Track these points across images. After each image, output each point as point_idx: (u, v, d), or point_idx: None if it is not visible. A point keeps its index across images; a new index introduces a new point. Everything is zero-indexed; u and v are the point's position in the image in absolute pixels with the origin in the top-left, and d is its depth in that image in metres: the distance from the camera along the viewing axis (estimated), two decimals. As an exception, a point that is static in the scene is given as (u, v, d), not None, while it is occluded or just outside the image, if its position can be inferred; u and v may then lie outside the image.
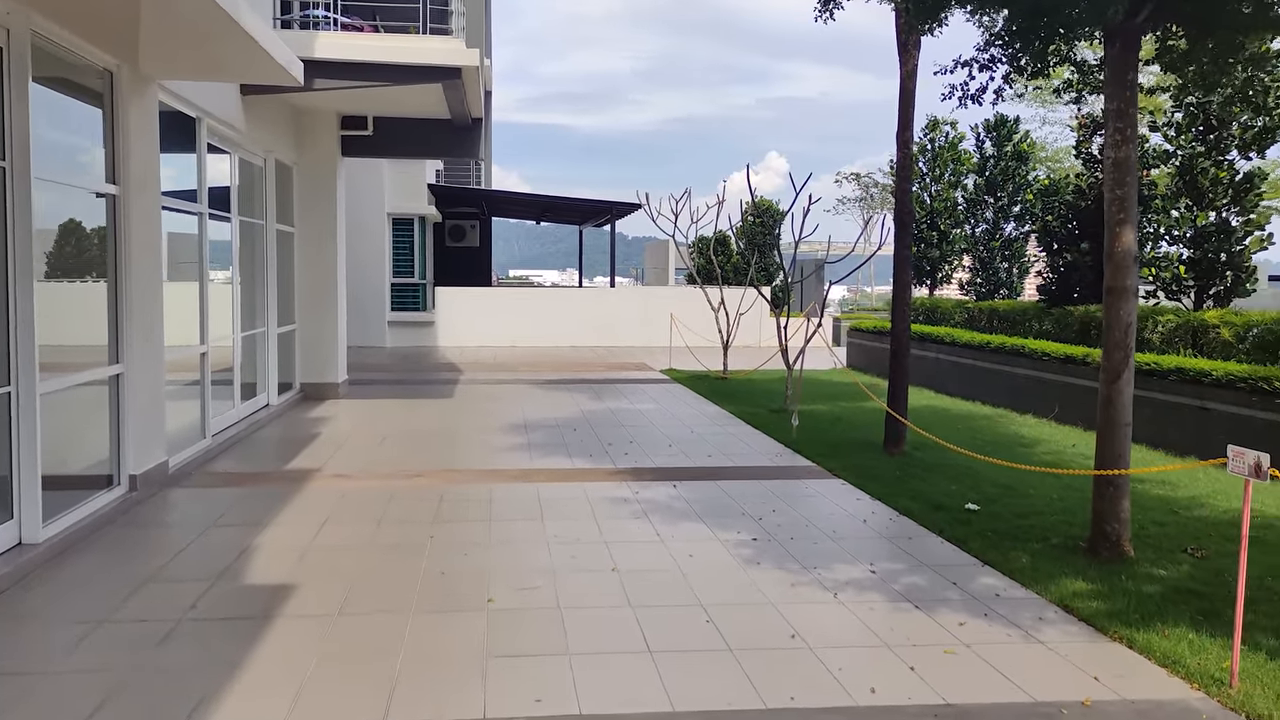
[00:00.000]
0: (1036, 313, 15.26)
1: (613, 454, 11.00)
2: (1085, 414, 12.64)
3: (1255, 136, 11.59)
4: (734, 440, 12.06)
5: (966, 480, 9.55)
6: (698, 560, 6.99)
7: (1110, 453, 7.03)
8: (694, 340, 22.63)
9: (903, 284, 11.15)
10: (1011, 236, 17.88)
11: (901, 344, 11.12)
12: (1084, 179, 14.30)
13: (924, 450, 11.11)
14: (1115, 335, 7.00)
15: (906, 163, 11.06)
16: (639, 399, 15.90)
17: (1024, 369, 14.17)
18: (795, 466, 10.49)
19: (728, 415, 14.16)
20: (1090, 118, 14.52)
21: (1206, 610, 5.91)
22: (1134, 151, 6.93)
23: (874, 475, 9.83)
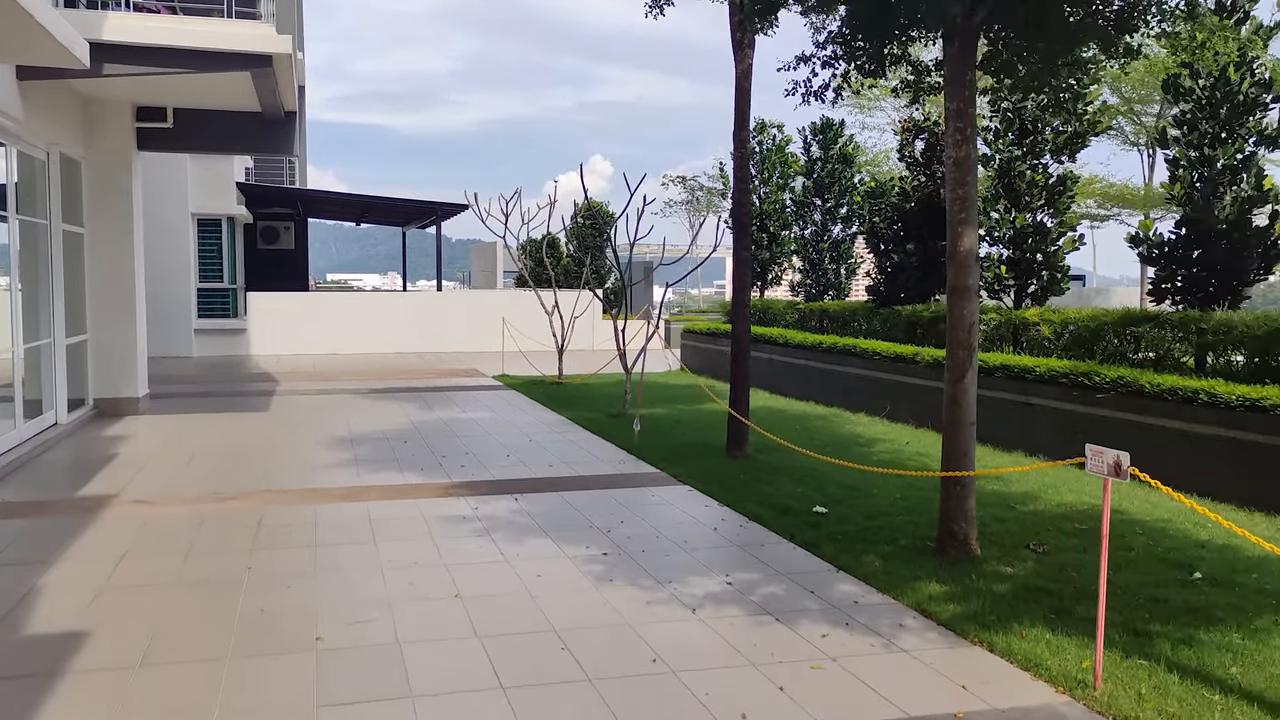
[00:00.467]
0: (866, 313, 15.56)
1: (448, 467, 10.44)
2: (916, 411, 12.91)
3: (1067, 141, 12.09)
4: (575, 448, 11.68)
5: (811, 482, 9.48)
6: (547, 580, 6.58)
7: (956, 451, 7.02)
8: (527, 344, 22.15)
9: (742, 286, 11.05)
10: (839, 238, 18.23)
11: (742, 346, 11.01)
12: (908, 181, 14.65)
13: (766, 452, 11.03)
14: (959, 334, 7.00)
15: (744, 163, 10.96)
16: (472, 407, 15.32)
17: (855, 368, 14.38)
18: (640, 474, 10.20)
19: (566, 422, 13.77)
20: (912, 122, 14.89)
21: (1057, 608, 5.92)
22: (974, 151, 6.95)
23: (720, 480, 9.65)
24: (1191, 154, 9.77)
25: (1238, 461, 8.30)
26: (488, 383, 18.99)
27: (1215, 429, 8.49)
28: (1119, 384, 9.49)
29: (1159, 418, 9.06)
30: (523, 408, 15.34)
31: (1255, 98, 9.36)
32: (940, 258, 14.53)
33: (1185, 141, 9.82)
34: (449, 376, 20.01)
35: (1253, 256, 9.51)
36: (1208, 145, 9.64)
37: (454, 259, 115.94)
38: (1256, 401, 8.05)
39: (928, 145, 14.64)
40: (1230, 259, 9.56)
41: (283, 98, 12.75)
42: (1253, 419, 8.12)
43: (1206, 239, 9.66)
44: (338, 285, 64.80)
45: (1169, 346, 10.11)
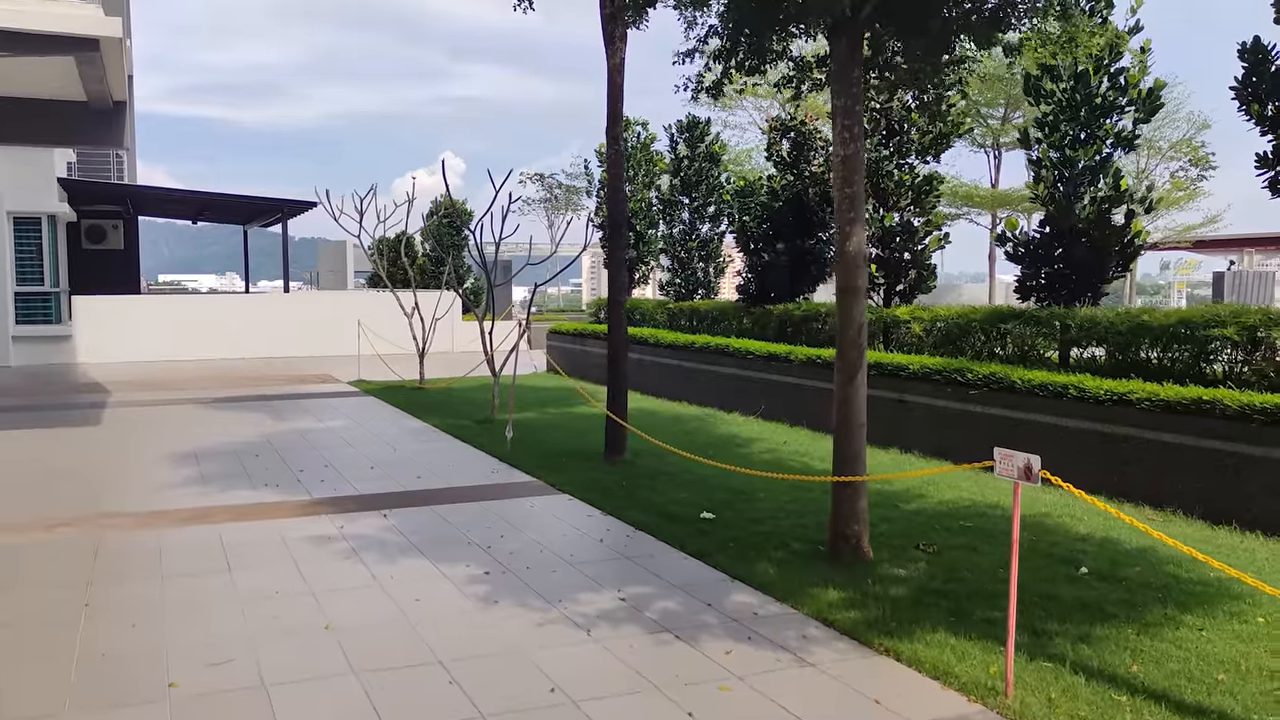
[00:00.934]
0: (737, 312, 15.50)
1: (307, 482, 9.78)
2: (791, 410, 12.88)
3: (932, 142, 12.27)
4: (443, 457, 11.15)
5: (695, 487, 9.25)
6: (427, 605, 6.11)
7: (848, 453, 6.90)
8: (384, 348, 21.31)
9: (619, 286, 10.75)
10: (708, 237, 18.15)
11: (619, 348, 10.71)
12: (776, 181, 14.65)
13: (645, 456, 10.76)
14: (849, 334, 6.87)
15: (618, 160, 10.67)
16: (329, 415, 14.54)
17: (728, 368, 14.29)
18: (515, 483, 9.77)
19: (432, 429, 13.20)
20: (780, 121, 14.91)
21: (956, 610, 5.83)
22: (862, 148, 6.82)
23: (599, 487, 9.32)
24: (1053, 155, 10.01)
25: (1106, 454, 8.49)
26: (344, 389, 18.15)
27: (1084, 423, 8.66)
28: (991, 380, 9.62)
29: (1030, 413, 9.21)
30: (384, 415, 14.66)
31: (1113, 100, 9.65)
32: (808, 256, 14.61)
33: (1047, 143, 10.05)
34: (301, 383, 19.05)
35: (1112, 255, 9.80)
36: (1068, 146, 9.89)
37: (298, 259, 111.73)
38: (1123, 395, 8.25)
39: (795, 144, 14.67)
40: (1091, 257, 9.83)
41: (111, 86, 11.75)
42: (1120, 412, 8.31)
43: (1068, 238, 9.91)
44: (171, 286, 61.55)
45: (1034, 343, 10.32)
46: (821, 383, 12.29)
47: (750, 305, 15.04)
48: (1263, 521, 7.22)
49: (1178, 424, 7.81)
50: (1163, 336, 8.76)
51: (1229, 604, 5.80)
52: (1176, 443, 7.84)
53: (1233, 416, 7.35)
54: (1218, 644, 5.20)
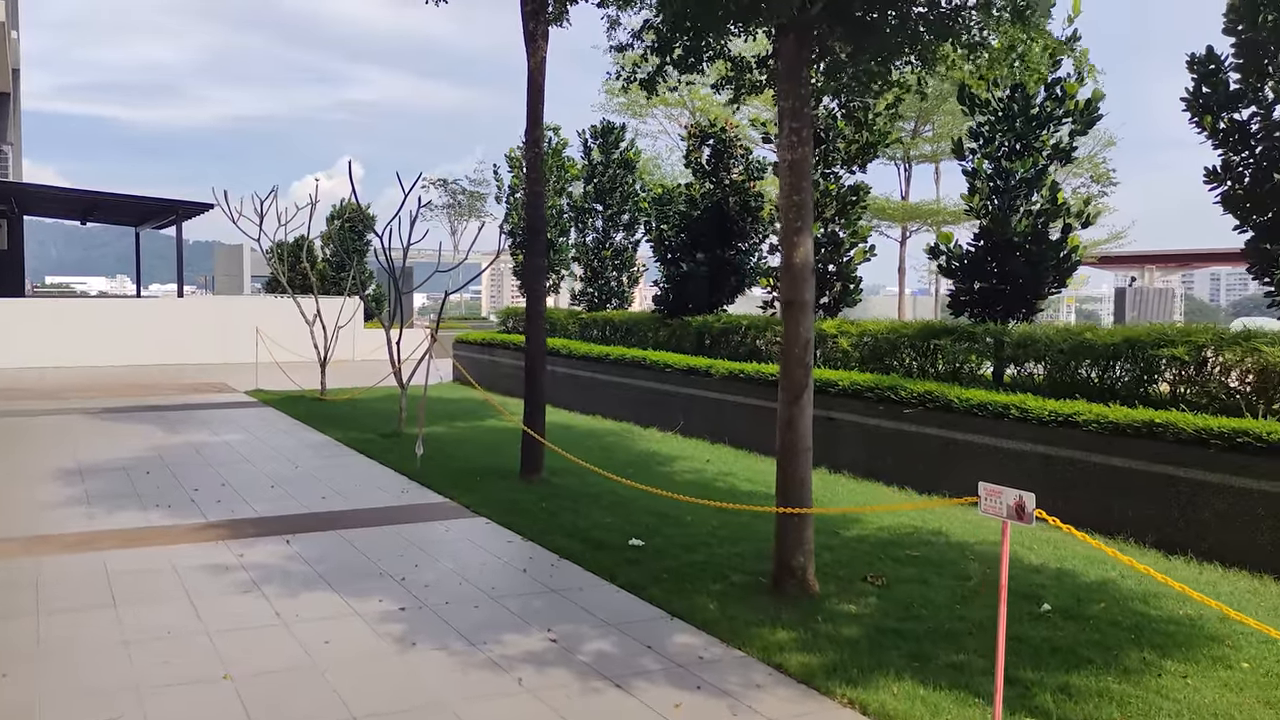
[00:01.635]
0: (653, 323, 15.06)
1: (202, 503, 8.99)
2: (711, 426, 12.48)
3: (858, 152, 12.02)
4: (349, 475, 10.43)
5: (620, 510, 8.75)
6: (338, 648, 5.49)
7: (794, 479, 6.49)
8: (282, 356, 20.31)
9: (537, 295, 10.21)
10: (622, 245, 17.68)
11: (537, 360, 10.16)
12: (696, 189, 14.27)
13: (564, 475, 10.23)
14: (795, 351, 6.46)
15: (538, 164, 10.13)
16: (225, 428, 13.63)
17: (645, 381, 13.84)
18: (427, 504, 9.14)
19: (335, 444, 12.43)
20: (699, 127, 14.55)
21: (918, 654, 5.43)
22: (810, 153, 6.43)
23: (518, 509, 8.76)
24: (988, 167, 9.81)
25: (1050, 478, 8.26)
26: (241, 399, 17.16)
27: (1026, 444, 8.43)
28: (926, 399, 9.35)
29: (968, 433, 8.96)
30: (284, 428, 13.82)
31: (1050, 111, 9.49)
32: (728, 267, 14.26)
33: (983, 154, 9.86)
34: (196, 393, 17.99)
35: (1049, 269, 9.64)
36: (1005, 158, 9.71)
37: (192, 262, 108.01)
38: (1069, 417, 8.02)
39: (715, 152, 14.31)
40: (1027, 272, 9.66)
41: (-12, 69, 10.76)
42: (1065, 434, 8.09)
43: (1004, 251, 9.72)
44: (58, 289, 58.63)
45: (966, 359, 10.10)
46: (744, 398, 11.94)
47: (667, 317, 14.62)
48: (1219, 552, 7.02)
49: (1127, 447, 7.60)
50: (1105, 355, 8.58)
51: (1208, 646, 5.52)
52: (1126, 467, 7.63)
53: (1188, 441, 7.15)
54: (1206, 693, 4.89)
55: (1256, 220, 7.64)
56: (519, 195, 19.43)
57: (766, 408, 11.52)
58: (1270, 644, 5.53)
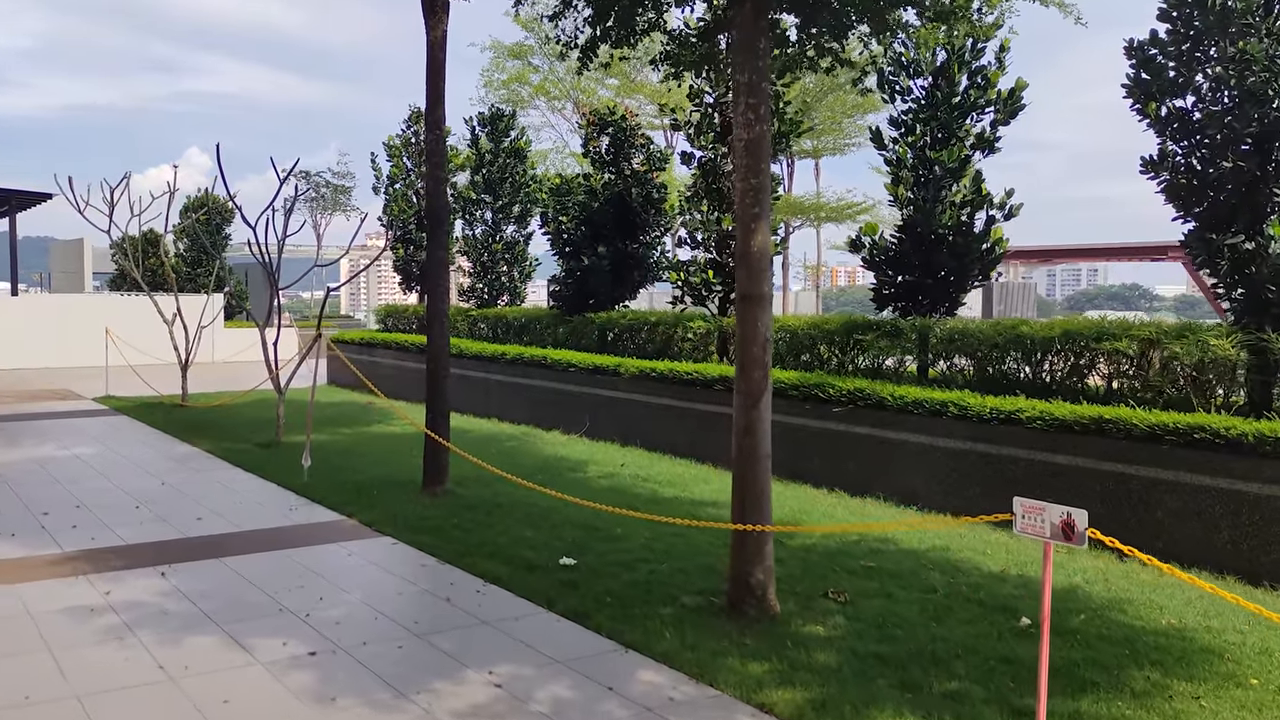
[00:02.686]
0: (551, 321, 14.30)
1: (55, 529, 7.84)
2: (621, 428, 11.83)
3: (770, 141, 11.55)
4: (226, 491, 9.37)
5: (539, 523, 8.02)
6: (240, 707, 4.62)
7: (752, 491, 5.90)
8: (134, 358, 18.70)
9: (439, 292, 9.35)
10: (513, 239, 16.83)
11: (440, 361, 9.32)
12: (595, 179, 13.58)
13: (470, 485, 9.42)
14: (752, 351, 5.87)
15: (439, 148, 9.27)
16: (75, 440, 12.25)
17: (545, 381, 13.09)
18: (322, 523, 8.21)
19: (206, 456, 11.26)
20: (596, 115, 13.87)
21: (907, 683, 4.90)
22: (769, 131, 5.85)
23: (427, 526, 7.93)
24: (911, 156, 9.46)
25: (990, 477, 7.93)
26: (90, 406, 15.63)
27: (965, 443, 8.09)
28: (856, 396, 8.92)
29: (901, 432, 8.57)
30: (144, 439, 12.52)
31: (974, 100, 9.21)
32: (631, 260, 13.63)
33: (904, 143, 9.50)
34: (36, 400, 16.31)
35: (974, 262, 9.35)
36: (928, 147, 9.38)
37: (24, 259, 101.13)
38: (1011, 414, 7.70)
39: (614, 141, 13.66)
40: (952, 264, 9.35)
41: None
42: (1007, 432, 7.76)
43: (929, 244, 9.39)
44: None
45: (888, 355, 9.75)
46: (655, 398, 11.34)
47: (567, 313, 13.90)
48: (1175, 552, 6.76)
49: (1074, 444, 7.31)
50: (1040, 349, 8.32)
51: (1209, 661, 5.16)
52: (1073, 465, 7.34)
53: (1140, 437, 6.88)
54: (1225, 716, 4.50)
55: (1198, 210, 7.47)
56: (398, 185, 18.40)
57: (680, 408, 10.97)
58: (1269, 655, 5.22)
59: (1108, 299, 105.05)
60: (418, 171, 18.32)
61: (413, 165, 18.41)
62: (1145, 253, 32.80)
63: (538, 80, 27.66)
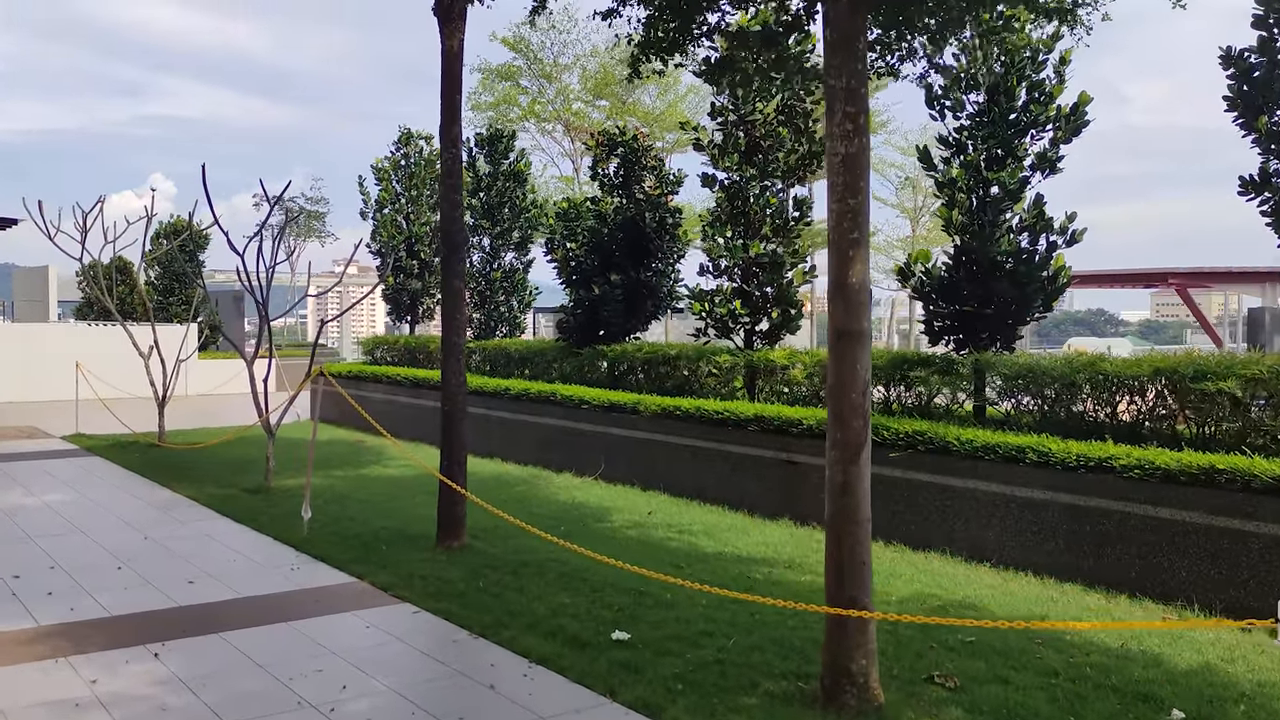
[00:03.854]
0: (558, 353, 13.46)
1: (27, 595, 6.91)
2: (640, 471, 11.01)
3: (799, 161, 10.85)
4: (217, 548, 8.45)
5: (576, 586, 7.17)
6: None
7: (852, 560, 5.10)
8: (104, 392, 17.67)
9: (456, 325, 8.53)
10: (512, 267, 16.00)
11: (457, 401, 8.48)
12: (606, 203, 12.81)
13: (488, 538, 8.57)
14: (852, 398, 5.08)
15: (456, 168, 8.48)
16: (45, 486, 11.27)
17: (555, 419, 12.25)
18: (329, 587, 7.31)
19: (190, 504, 10.32)
20: (606, 135, 13.12)
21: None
22: (868, 144, 5.10)
23: (450, 590, 7.06)
24: (966, 178, 8.75)
25: (1078, 532, 7.17)
26: (59, 446, 14.61)
27: (1046, 493, 7.33)
28: (916, 439, 8.15)
29: (970, 479, 7.80)
30: (121, 483, 11.55)
31: (1034, 116, 8.54)
32: (644, 289, 12.85)
33: (959, 163, 8.79)
34: (1, 439, 15.24)
35: (1035, 292, 8.64)
36: (985, 167, 8.69)
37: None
38: (1102, 461, 6.95)
39: (625, 162, 12.91)
40: (1013, 293, 8.64)
41: None
42: (1095, 482, 7.02)
43: (986, 272, 8.68)
44: None
45: (936, 391, 9.02)
46: (679, 438, 10.53)
47: (576, 345, 13.07)
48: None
49: (1179, 497, 6.56)
50: (1123, 387, 7.60)
51: None
52: (1176, 520, 6.60)
53: (1261, 490, 6.15)
54: None
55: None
56: (387, 210, 17.54)
57: (708, 450, 10.17)
58: None
59: (1074, 324, 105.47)
60: (408, 195, 17.50)
61: (402, 189, 17.58)
62: (1140, 279, 32.47)
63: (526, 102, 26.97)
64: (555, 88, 26.29)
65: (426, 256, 17.14)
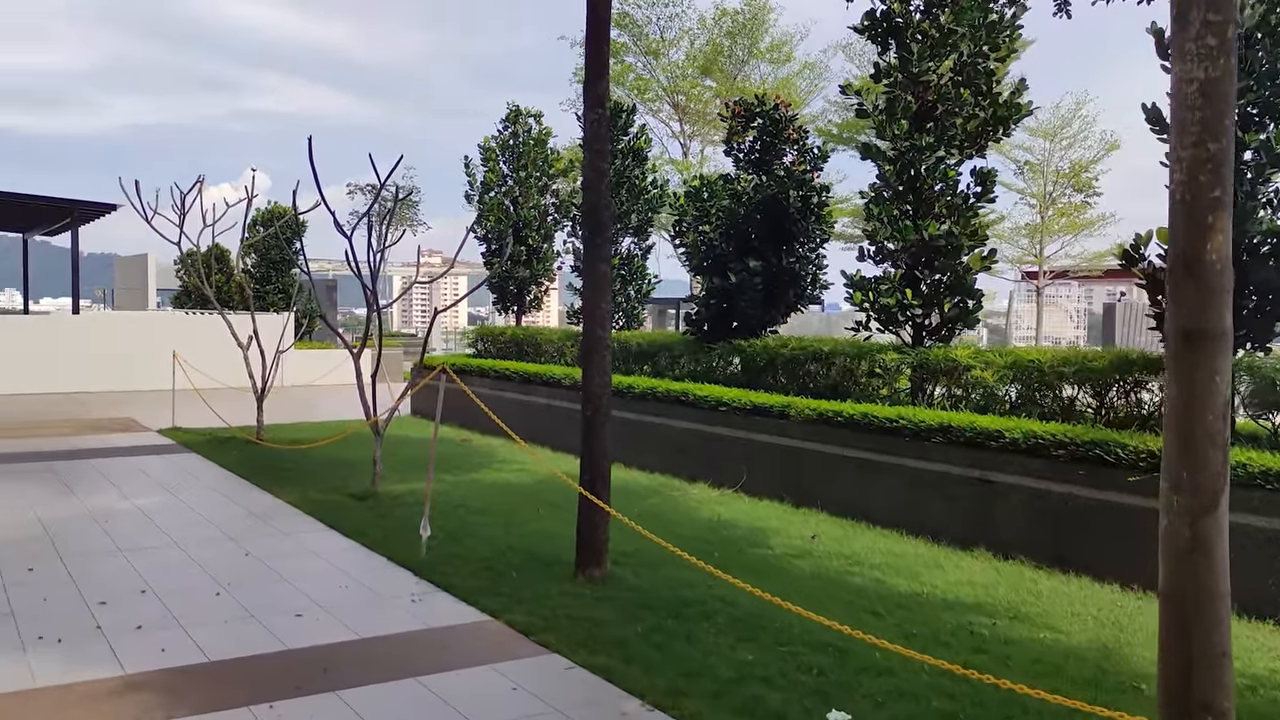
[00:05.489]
0: (685, 348, 12.18)
1: (114, 630, 5.89)
2: (789, 483, 9.68)
3: (979, 129, 9.37)
4: (326, 569, 7.37)
5: (759, 636, 5.88)
6: None
7: (1206, 649, 3.70)
8: (200, 382, 16.97)
9: (600, 317, 7.29)
10: (630, 253, 14.78)
11: (601, 406, 7.24)
12: (744, 181, 11.47)
13: (631, 565, 7.36)
14: (1207, 421, 3.68)
15: (602, 131, 7.24)
16: (138, 487, 10.40)
17: (686, 422, 10.98)
18: (459, 627, 6.16)
19: (292, 511, 9.32)
20: (742, 104, 11.80)
21: None
22: (1234, 70, 3.70)
23: (603, 637, 5.85)
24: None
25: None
26: (154, 441, 13.83)
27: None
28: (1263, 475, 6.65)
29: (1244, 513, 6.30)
30: (216, 484, 10.63)
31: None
32: (786, 277, 11.49)
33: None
34: (95, 432, 14.57)
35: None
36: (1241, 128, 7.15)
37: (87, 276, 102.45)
38: None
39: (763, 134, 11.56)
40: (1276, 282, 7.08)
41: None
42: None
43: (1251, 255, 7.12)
44: (-64, 303, 53.38)
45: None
46: (839, 448, 9.18)
47: (708, 339, 11.76)
48: None
49: None
50: None
51: None
52: None
53: None
54: None
55: None
56: (493, 194, 16.47)
57: (876, 463, 8.80)
58: None
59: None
60: (515, 178, 16.39)
61: (510, 171, 16.48)
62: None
63: (631, 80, 25.71)
64: (661, 64, 25.02)
65: (535, 242, 16.02)
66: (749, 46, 25.84)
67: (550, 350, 15.20)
